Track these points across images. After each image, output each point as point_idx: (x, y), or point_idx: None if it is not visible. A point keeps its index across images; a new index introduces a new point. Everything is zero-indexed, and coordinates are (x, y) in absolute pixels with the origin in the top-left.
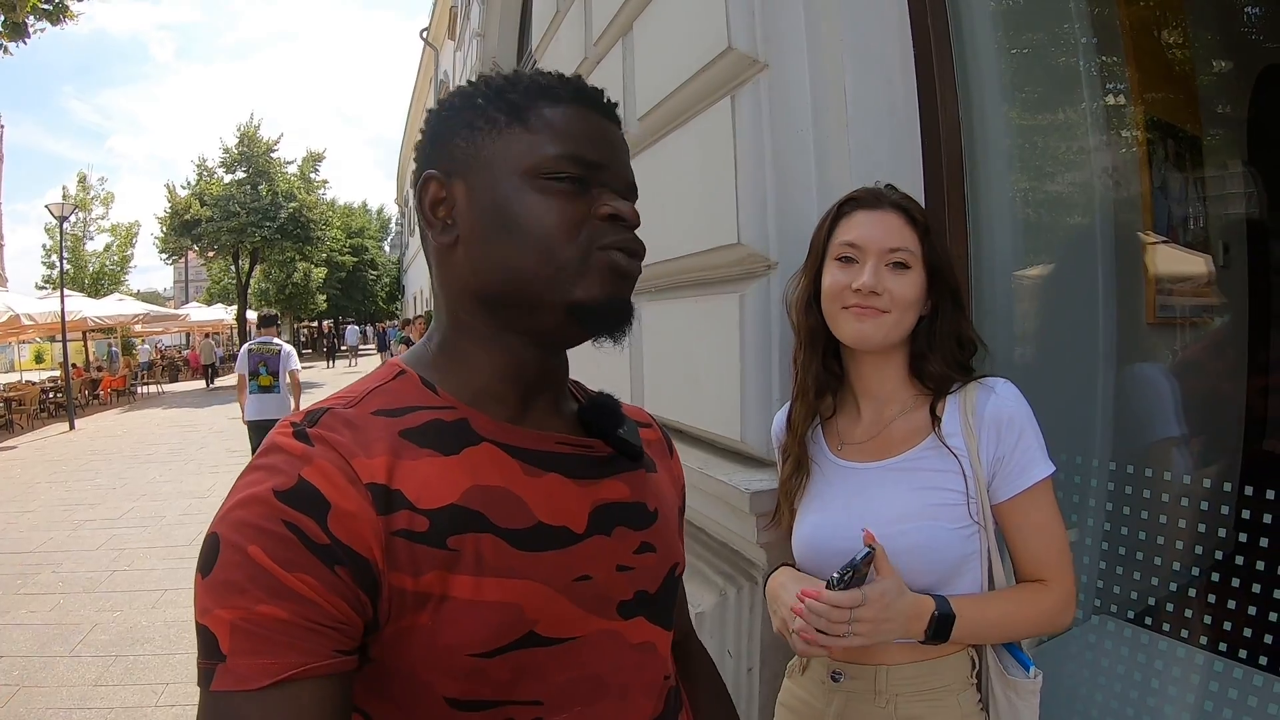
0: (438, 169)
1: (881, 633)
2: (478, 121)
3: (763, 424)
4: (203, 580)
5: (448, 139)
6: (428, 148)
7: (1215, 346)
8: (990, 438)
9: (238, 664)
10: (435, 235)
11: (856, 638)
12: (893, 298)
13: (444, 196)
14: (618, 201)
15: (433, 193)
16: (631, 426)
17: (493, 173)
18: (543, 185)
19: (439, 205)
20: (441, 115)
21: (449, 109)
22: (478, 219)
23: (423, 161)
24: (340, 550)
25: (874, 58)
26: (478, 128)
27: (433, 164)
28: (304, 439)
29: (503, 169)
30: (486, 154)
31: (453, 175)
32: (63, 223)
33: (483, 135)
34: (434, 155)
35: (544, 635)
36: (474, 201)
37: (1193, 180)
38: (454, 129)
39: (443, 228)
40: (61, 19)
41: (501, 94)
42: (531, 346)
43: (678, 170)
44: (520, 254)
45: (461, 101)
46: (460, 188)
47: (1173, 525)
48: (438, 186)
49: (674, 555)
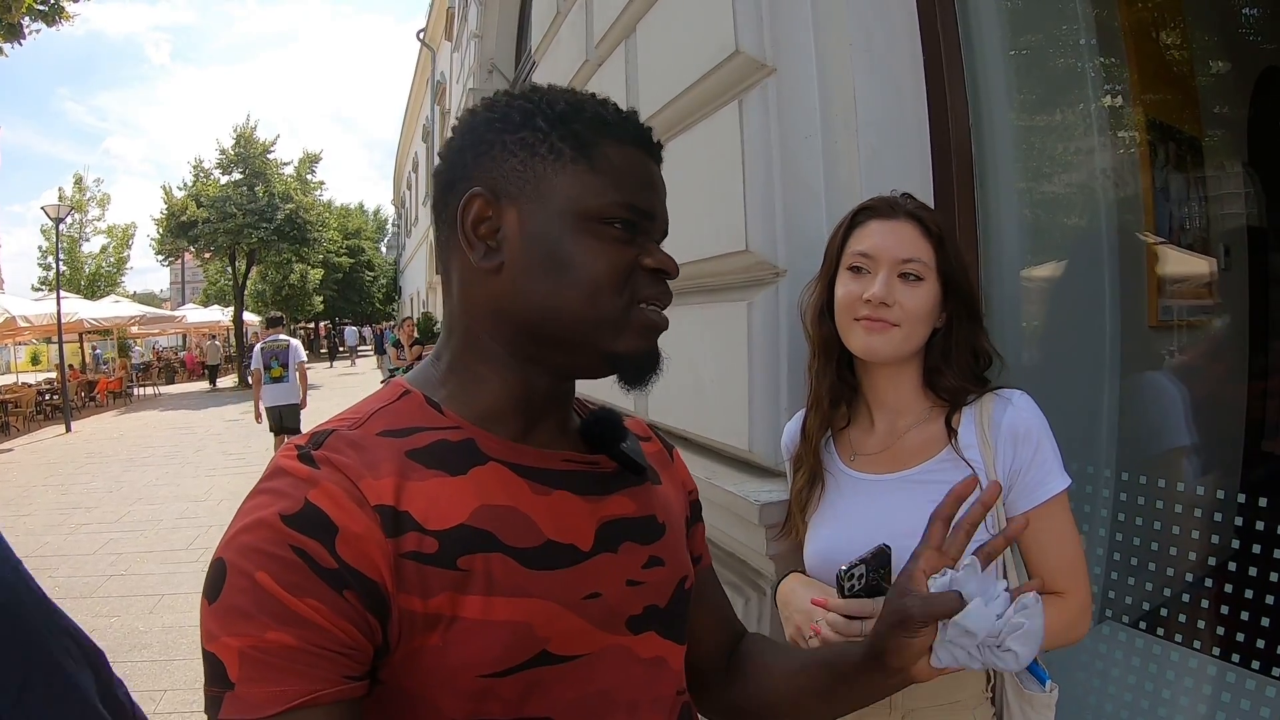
0: (484, 187)
1: None
2: (539, 148)
3: (770, 433)
4: (209, 606)
5: (499, 156)
6: (470, 157)
7: (1216, 349)
8: (1007, 450)
9: (246, 692)
10: (476, 257)
11: None
12: (904, 310)
13: (488, 216)
14: (662, 255)
15: (477, 211)
16: (634, 441)
17: (550, 207)
18: (597, 230)
19: (481, 224)
20: (493, 126)
21: (501, 121)
22: (527, 250)
23: (461, 170)
24: (348, 574)
25: (883, 62)
26: (538, 154)
27: (479, 180)
28: (309, 461)
29: (561, 205)
30: (546, 186)
31: (503, 198)
32: (59, 224)
33: (543, 164)
34: (481, 170)
35: (556, 654)
36: (526, 232)
37: (1194, 182)
38: (508, 147)
39: (485, 251)
40: (57, 20)
41: (566, 122)
42: (548, 375)
43: (684, 176)
44: (566, 296)
45: (518, 118)
46: (512, 214)
47: (1181, 532)
48: (483, 205)
49: (683, 568)
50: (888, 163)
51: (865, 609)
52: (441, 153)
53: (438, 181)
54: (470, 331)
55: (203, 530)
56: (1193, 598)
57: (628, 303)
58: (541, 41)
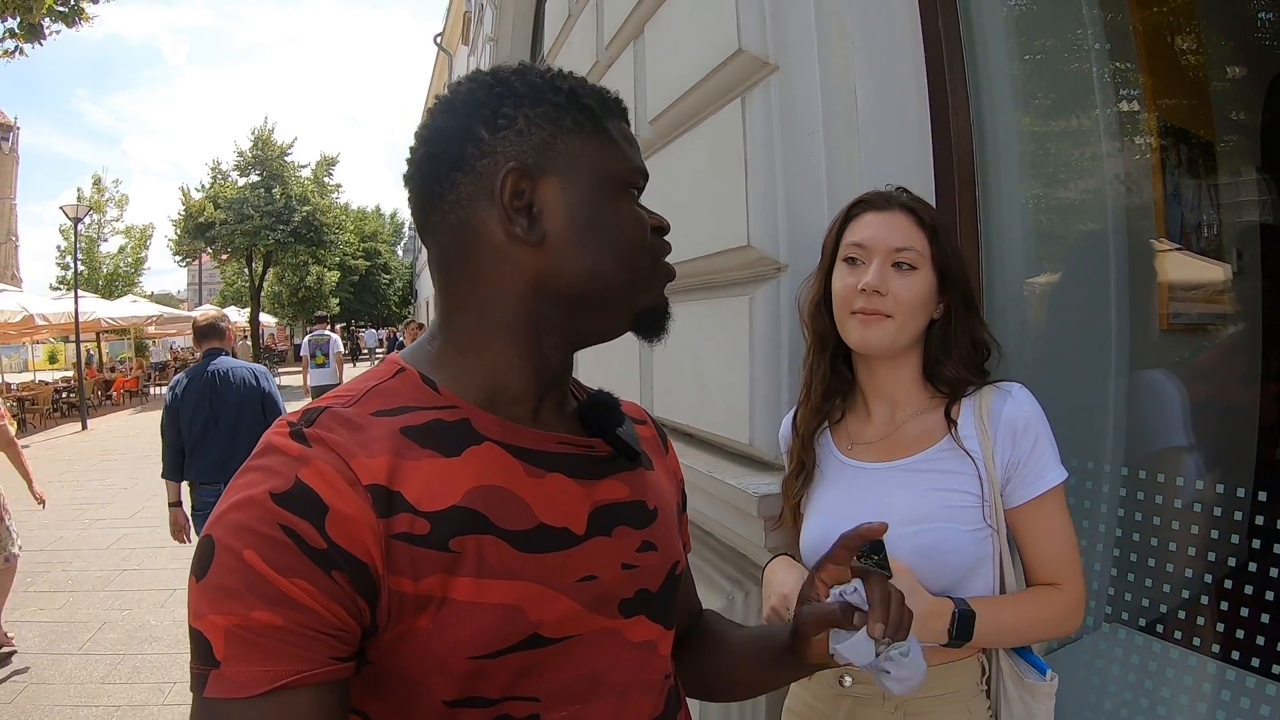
0: (518, 161)
1: None
2: (563, 120)
3: (771, 427)
4: (197, 584)
5: (525, 129)
6: (485, 131)
7: (1228, 353)
8: (1006, 442)
9: (232, 670)
10: (520, 230)
11: None
12: (897, 299)
13: (523, 189)
14: (659, 216)
15: (513, 185)
16: (629, 425)
17: (585, 177)
18: (625, 194)
19: (516, 198)
20: (504, 100)
21: (513, 97)
22: (571, 220)
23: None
24: (338, 555)
25: (885, 60)
26: (564, 127)
27: (506, 154)
28: (301, 439)
29: (596, 174)
30: (577, 157)
31: (539, 172)
32: (77, 224)
33: (571, 136)
34: (506, 144)
35: (547, 636)
36: (568, 203)
37: (1206, 186)
38: (533, 121)
39: (529, 224)
40: (77, 21)
41: (578, 97)
42: (565, 348)
43: (688, 172)
44: (611, 258)
45: (526, 90)
46: (552, 186)
47: (1184, 533)
48: (518, 178)
49: (675, 554)
50: (889, 161)
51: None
52: (430, 129)
53: (431, 161)
54: (487, 311)
55: None
56: (1196, 599)
57: (653, 259)
58: (554, 44)
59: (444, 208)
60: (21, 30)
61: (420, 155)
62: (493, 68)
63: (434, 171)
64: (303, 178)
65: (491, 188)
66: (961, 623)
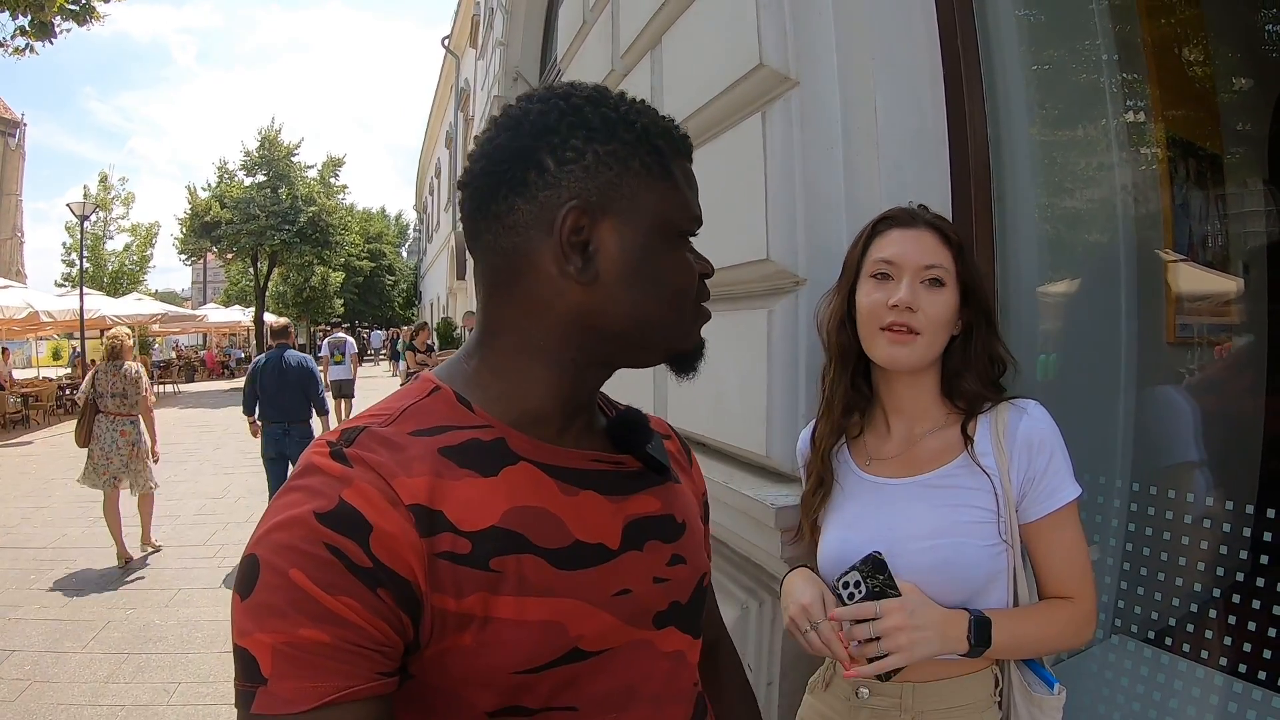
0: (580, 199)
1: (916, 643)
2: (631, 162)
3: (789, 440)
4: (241, 602)
5: (593, 168)
6: (552, 162)
7: (1234, 366)
8: (1022, 458)
9: (280, 687)
10: (574, 269)
11: (894, 656)
12: (927, 316)
13: (582, 226)
14: (705, 260)
15: (573, 223)
16: (658, 440)
17: (643, 222)
18: (678, 242)
19: (574, 235)
20: (575, 131)
21: (585, 129)
22: (623, 263)
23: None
24: (382, 573)
25: (904, 76)
26: (631, 169)
27: (571, 189)
28: (342, 459)
29: (653, 221)
30: (639, 201)
31: (600, 212)
32: (83, 221)
33: (636, 180)
34: (573, 179)
35: (587, 650)
36: (623, 246)
37: (1214, 199)
38: (602, 159)
39: (584, 264)
40: (88, 20)
41: (649, 137)
42: (599, 374)
43: (706, 185)
44: (657, 304)
45: (599, 124)
46: (608, 228)
47: (1192, 546)
48: (578, 216)
49: (702, 565)
50: (908, 175)
51: (867, 612)
52: (493, 146)
53: (490, 179)
54: (529, 336)
55: (220, 527)
56: (1205, 612)
57: (696, 305)
58: (568, 51)
59: (498, 228)
60: (33, 28)
61: (480, 169)
62: (566, 88)
63: (492, 190)
64: (309, 178)
65: (551, 220)
66: (979, 629)
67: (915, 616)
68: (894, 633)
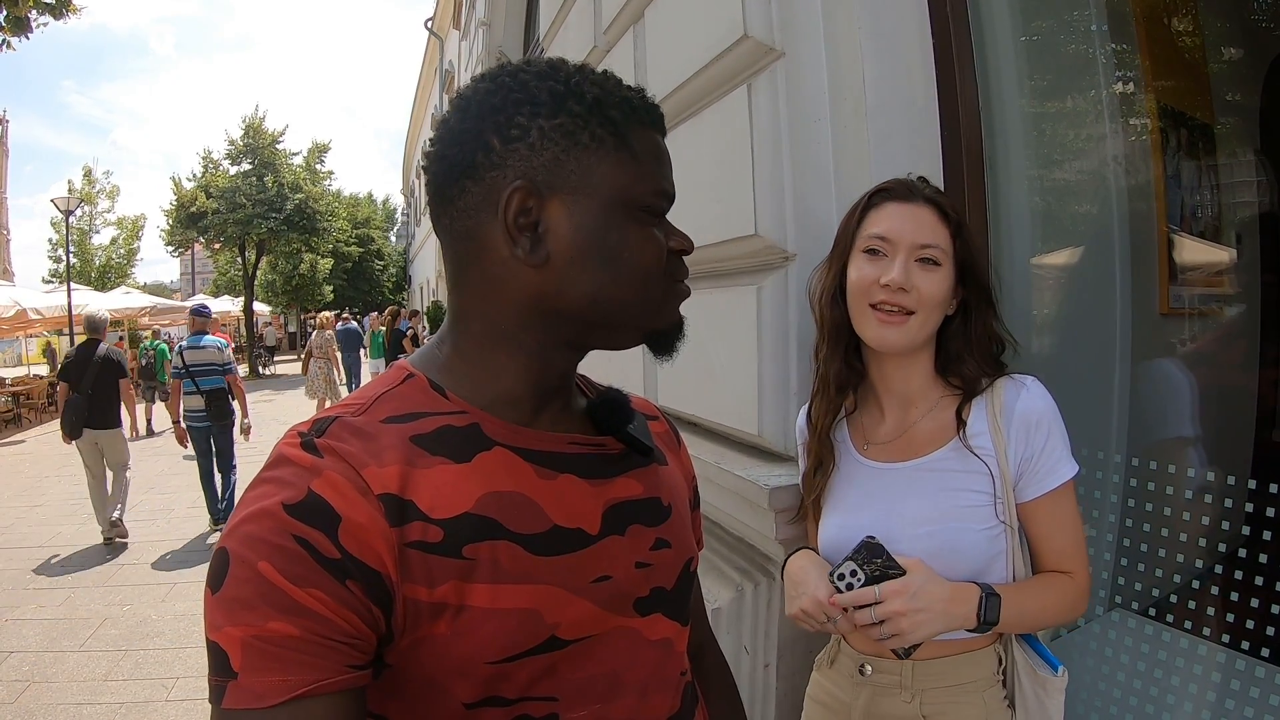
0: (525, 178)
1: (918, 625)
2: (580, 135)
3: (780, 418)
4: (213, 596)
5: (538, 144)
6: (498, 142)
7: (1227, 338)
8: (1019, 437)
9: (250, 681)
10: (522, 251)
11: (900, 636)
12: (920, 296)
13: (529, 208)
14: (681, 234)
15: (518, 204)
16: (641, 421)
17: (597, 198)
18: (640, 218)
19: (521, 216)
20: (520, 107)
21: (530, 104)
22: (575, 243)
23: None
24: (351, 564)
25: (892, 46)
26: (579, 142)
27: (516, 169)
28: (312, 450)
29: (608, 196)
30: (590, 176)
31: (548, 190)
32: (68, 216)
33: (586, 153)
34: (517, 158)
35: (564, 638)
36: (575, 225)
37: (1206, 169)
38: (547, 135)
39: (531, 246)
40: (64, 13)
41: (602, 108)
42: (574, 355)
43: (692, 160)
44: (617, 284)
45: (547, 98)
46: (558, 207)
47: (1190, 520)
48: (524, 197)
49: (688, 550)
50: (897, 147)
51: (867, 597)
52: (446, 129)
53: (443, 163)
54: (493, 321)
55: None
56: (1202, 585)
57: (667, 282)
58: (550, 28)
59: (453, 212)
60: (8, 24)
61: (435, 153)
62: (517, 64)
63: (446, 174)
64: (295, 165)
65: (497, 201)
66: (989, 605)
67: (916, 598)
68: (895, 617)
